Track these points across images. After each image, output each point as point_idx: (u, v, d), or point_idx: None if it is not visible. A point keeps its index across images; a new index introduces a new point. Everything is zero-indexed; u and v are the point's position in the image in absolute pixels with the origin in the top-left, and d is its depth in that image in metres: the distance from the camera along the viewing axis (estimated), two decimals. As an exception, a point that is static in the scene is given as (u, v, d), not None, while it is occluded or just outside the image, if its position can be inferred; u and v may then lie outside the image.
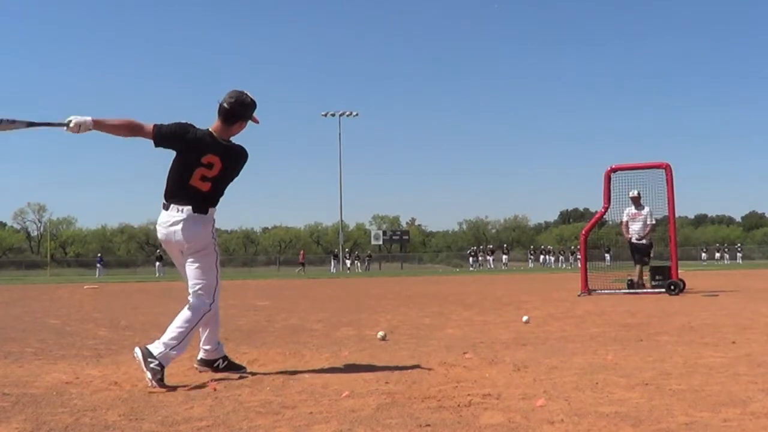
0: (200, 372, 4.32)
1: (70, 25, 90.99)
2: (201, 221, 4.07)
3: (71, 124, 3.91)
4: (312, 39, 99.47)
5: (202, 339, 4.32)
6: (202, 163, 4.04)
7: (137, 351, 3.94)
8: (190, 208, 4.04)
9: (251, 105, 4.14)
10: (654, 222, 12.43)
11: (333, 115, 51.84)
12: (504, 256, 52.55)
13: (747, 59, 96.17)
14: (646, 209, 12.39)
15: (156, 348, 3.92)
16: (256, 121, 4.21)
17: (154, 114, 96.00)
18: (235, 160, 4.14)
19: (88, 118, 3.94)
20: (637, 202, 12.38)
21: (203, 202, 4.08)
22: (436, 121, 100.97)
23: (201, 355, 4.36)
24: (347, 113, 51.89)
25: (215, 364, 4.32)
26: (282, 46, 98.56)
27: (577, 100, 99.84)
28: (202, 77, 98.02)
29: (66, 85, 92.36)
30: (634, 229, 12.38)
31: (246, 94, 4.13)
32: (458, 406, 3.20)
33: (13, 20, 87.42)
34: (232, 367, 4.36)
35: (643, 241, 12.34)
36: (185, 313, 4.06)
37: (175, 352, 3.97)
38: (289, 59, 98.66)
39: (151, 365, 3.86)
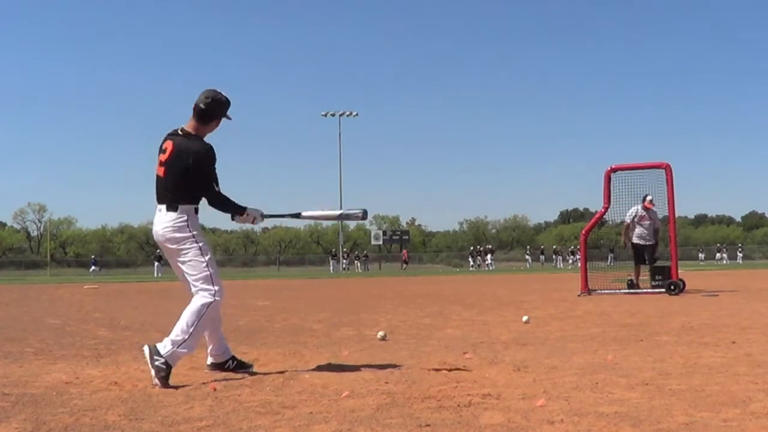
0: (206, 372, 4.33)
1: (70, 25, 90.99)
2: (173, 218, 4.08)
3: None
4: (312, 39, 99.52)
5: (209, 344, 4.34)
6: (161, 149, 4.17)
7: (145, 348, 3.96)
8: (164, 206, 4.11)
9: (226, 103, 4.21)
10: (658, 225, 12.42)
11: (333, 115, 51.81)
12: (488, 256, 52.23)
13: (747, 59, 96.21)
14: (655, 212, 12.36)
15: (164, 346, 3.92)
16: (229, 118, 4.27)
17: (152, 113, 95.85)
18: (185, 149, 4.08)
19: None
20: (649, 208, 12.31)
21: (171, 196, 4.10)
22: (436, 121, 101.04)
23: (210, 360, 4.37)
24: (347, 113, 51.86)
25: (225, 366, 4.33)
26: (282, 46, 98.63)
27: (577, 100, 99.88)
28: (203, 77, 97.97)
29: (66, 84, 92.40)
30: (643, 230, 12.32)
31: (221, 93, 4.19)
32: (458, 406, 3.21)
33: (13, 20, 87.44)
34: (242, 366, 4.37)
35: (652, 242, 12.31)
36: (191, 308, 4.05)
37: (184, 350, 3.96)
38: (289, 59, 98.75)
39: (157, 363, 3.86)
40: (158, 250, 46.96)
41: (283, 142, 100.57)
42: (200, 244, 4.12)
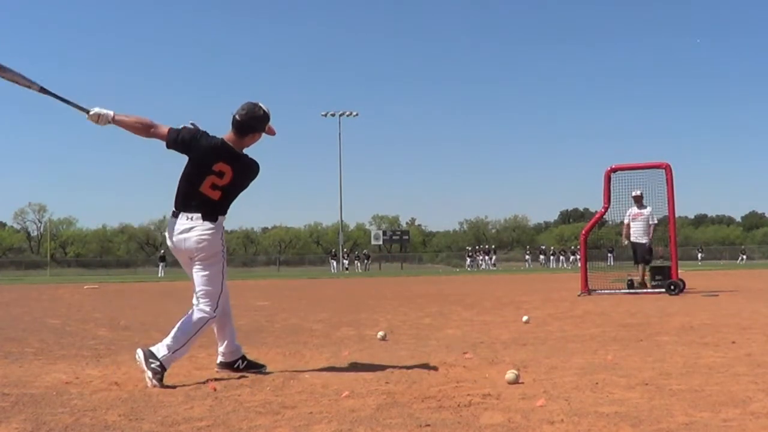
0: (217, 372, 4.33)
1: (71, 24, 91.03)
2: (211, 229, 4.07)
3: (91, 112, 4.10)
4: (312, 39, 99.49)
5: (219, 343, 4.34)
6: (213, 171, 4.05)
7: (139, 352, 3.96)
8: (200, 215, 4.05)
9: (263, 117, 4.15)
10: (656, 222, 12.45)
11: (333, 115, 51.79)
12: (490, 257, 52.24)
13: (747, 59, 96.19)
14: (648, 209, 12.42)
15: (159, 350, 3.95)
16: (272, 133, 4.25)
17: (153, 114, 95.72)
18: (246, 172, 4.16)
19: (110, 112, 4.11)
20: (639, 201, 12.42)
21: (213, 210, 4.08)
22: (436, 121, 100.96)
23: (220, 358, 4.38)
24: (347, 113, 51.85)
25: (235, 366, 4.32)
26: (282, 45, 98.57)
27: (577, 100, 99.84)
28: (203, 77, 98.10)
29: (66, 84, 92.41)
30: (636, 228, 12.42)
31: (258, 107, 4.14)
32: (458, 406, 3.21)
33: (14, 20, 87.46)
34: (252, 366, 4.36)
35: (644, 241, 12.34)
36: (189, 319, 4.07)
37: (177, 356, 4.01)
38: (289, 59, 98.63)
39: (152, 365, 3.88)
40: (162, 251, 47.38)
41: (283, 142, 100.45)
42: (225, 258, 4.19)
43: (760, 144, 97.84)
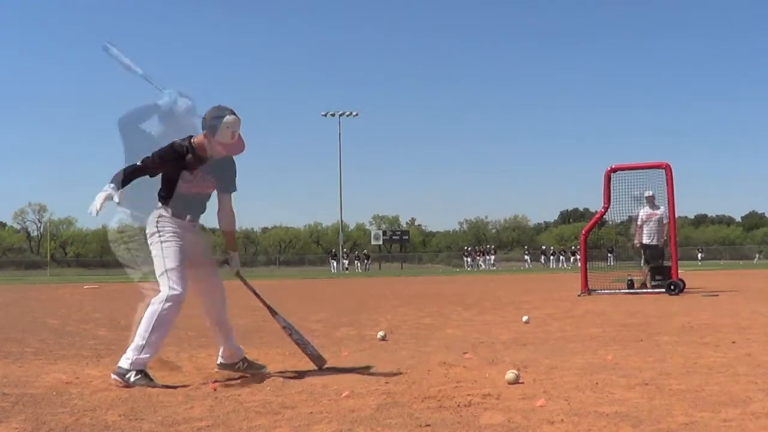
0: (217, 372, 4.32)
1: (71, 24, 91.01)
2: (150, 214, 4.13)
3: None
4: (312, 39, 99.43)
5: (219, 345, 4.31)
6: None
7: (113, 376, 3.88)
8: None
9: (208, 116, 3.95)
10: (668, 221, 12.40)
11: (333, 115, 51.80)
12: (489, 257, 52.35)
13: (747, 59, 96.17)
14: (661, 209, 12.34)
15: (126, 359, 3.86)
16: (232, 148, 4.04)
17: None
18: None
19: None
20: (652, 202, 12.37)
21: (160, 197, 4.15)
22: (436, 120, 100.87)
23: (220, 359, 4.35)
24: (347, 113, 51.86)
25: (236, 367, 4.30)
26: (282, 45, 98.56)
27: (577, 100, 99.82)
28: (203, 77, 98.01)
29: (67, 84, 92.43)
30: (650, 229, 12.36)
31: (217, 108, 3.99)
32: (458, 406, 3.20)
33: (13, 20, 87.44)
34: (252, 366, 4.34)
35: (656, 242, 12.31)
36: (147, 310, 3.93)
37: (146, 355, 3.87)
38: (289, 59, 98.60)
39: (131, 380, 3.81)
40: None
41: (283, 142, 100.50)
42: (162, 240, 3.98)
43: (760, 144, 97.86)
